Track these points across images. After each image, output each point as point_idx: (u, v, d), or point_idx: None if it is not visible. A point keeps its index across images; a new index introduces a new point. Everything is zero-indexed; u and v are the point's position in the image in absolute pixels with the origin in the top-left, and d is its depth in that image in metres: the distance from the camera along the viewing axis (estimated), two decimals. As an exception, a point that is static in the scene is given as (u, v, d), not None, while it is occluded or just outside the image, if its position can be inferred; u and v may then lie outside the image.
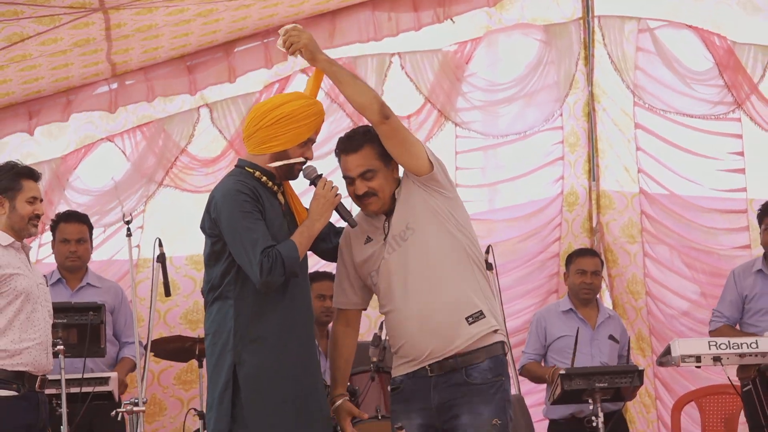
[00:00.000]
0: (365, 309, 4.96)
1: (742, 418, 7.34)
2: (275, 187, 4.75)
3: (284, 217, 4.73)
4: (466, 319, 4.61)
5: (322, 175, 4.81)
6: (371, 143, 4.72)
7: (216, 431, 4.60)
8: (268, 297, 4.59)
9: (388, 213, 4.76)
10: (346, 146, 4.76)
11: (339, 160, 4.81)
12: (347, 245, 4.87)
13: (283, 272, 4.51)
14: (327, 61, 4.73)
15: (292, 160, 4.71)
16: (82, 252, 7.15)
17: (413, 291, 4.65)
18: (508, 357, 7.11)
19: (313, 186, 4.80)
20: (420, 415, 4.69)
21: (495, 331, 4.67)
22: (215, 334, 4.65)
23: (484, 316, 4.62)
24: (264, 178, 4.72)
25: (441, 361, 4.63)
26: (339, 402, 4.86)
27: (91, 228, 7.21)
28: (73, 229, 7.04)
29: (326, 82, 8.46)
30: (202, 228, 4.72)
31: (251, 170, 4.73)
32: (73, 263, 7.13)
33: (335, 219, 4.84)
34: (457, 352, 4.61)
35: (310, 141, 4.76)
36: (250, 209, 4.57)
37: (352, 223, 4.78)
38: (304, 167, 4.78)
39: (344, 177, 4.80)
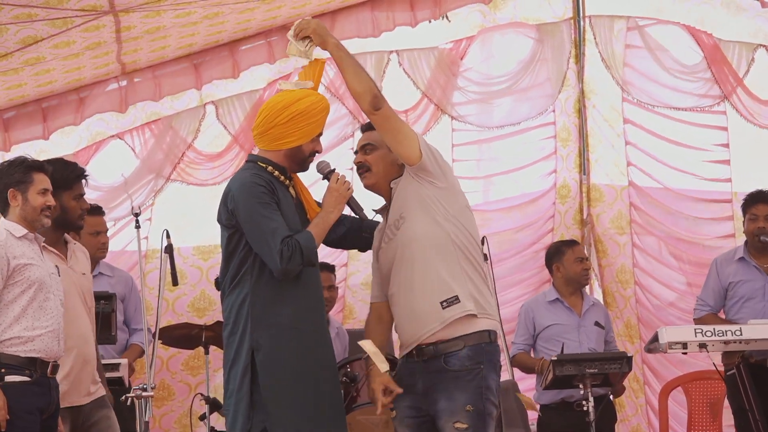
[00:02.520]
0: None
1: (727, 403, 7.39)
2: (287, 181, 4.82)
3: (296, 210, 4.81)
4: (441, 303, 4.64)
5: (335, 169, 4.92)
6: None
7: (236, 415, 4.64)
8: (283, 284, 4.66)
9: (389, 203, 4.86)
10: (368, 125, 4.92)
11: None
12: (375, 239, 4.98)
13: (301, 261, 4.59)
14: (336, 45, 4.80)
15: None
16: (105, 242, 7.23)
17: (400, 278, 4.74)
18: (501, 343, 7.22)
19: (325, 180, 4.88)
20: (410, 398, 4.75)
21: (474, 317, 4.66)
22: (234, 322, 4.70)
23: (459, 301, 4.63)
24: (276, 173, 4.78)
25: (423, 347, 4.68)
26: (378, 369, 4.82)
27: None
28: (101, 221, 7.09)
29: (325, 77, 8.60)
30: (219, 220, 4.76)
31: (264, 165, 4.79)
32: (103, 254, 7.21)
33: (346, 211, 4.95)
34: (438, 339, 4.65)
35: (320, 135, 4.87)
36: (268, 200, 4.63)
37: (363, 217, 4.89)
38: (317, 162, 4.88)
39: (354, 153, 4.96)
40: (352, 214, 5.01)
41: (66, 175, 5.61)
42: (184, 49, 8.04)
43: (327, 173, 4.90)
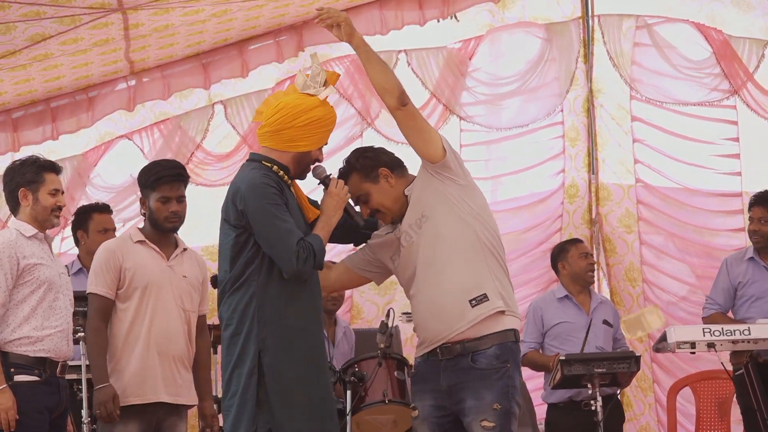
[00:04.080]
0: (353, 286, 5.18)
1: (735, 402, 7.33)
2: (289, 181, 4.77)
3: (300, 209, 4.76)
4: (470, 302, 4.62)
5: (330, 174, 4.85)
6: (353, 171, 4.83)
7: (239, 416, 4.58)
8: (289, 286, 4.61)
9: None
10: (341, 175, 4.86)
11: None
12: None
13: (314, 263, 4.57)
14: (362, 40, 4.75)
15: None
16: None
17: (424, 276, 4.70)
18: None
19: (322, 185, 4.83)
20: (432, 396, 4.72)
21: (502, 313, 4.65)
22: (239, 323, 4.63)
23: (488, 299, 4.61)
24: (281, 173, 4.72)
25: (449, 346, 4.65)
26: None
27: None
28: (110, 219, 7.02)
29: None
30: (227, 220, 4.69)
31: (269, 164, 4.71)
32: None
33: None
34: (465, 337, 4.63)
35: (324, 144, 4.83)
36: (279, 201, 4.59)
37: (359, 221, 4.83)
38: (314, 167, 4.82)
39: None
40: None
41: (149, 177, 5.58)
42: (192, 47, 8.03)
43: (324, 178, 4.82)
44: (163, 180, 5.50)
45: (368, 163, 4.83)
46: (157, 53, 7.90)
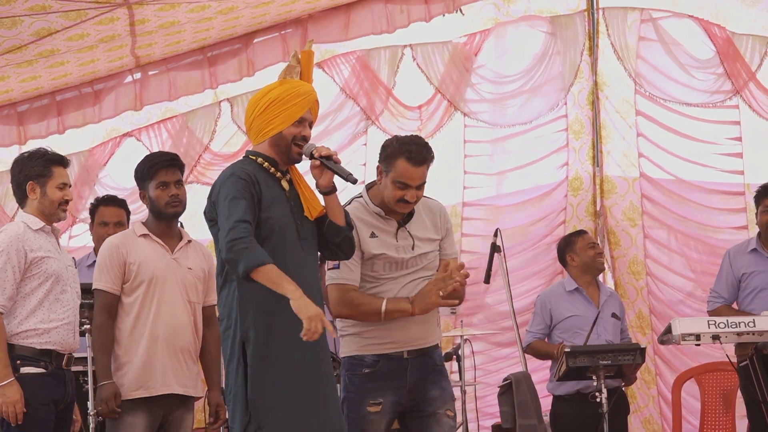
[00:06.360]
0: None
1: (740, 394, 7.32)
2: (278, 173, 4.69)
3: (287, 202, 4.66)
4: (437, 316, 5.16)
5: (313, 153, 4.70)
6: (431, 160, 5.00)
7: (234, 408, 4.52)
8: None
9: (404, 221, 5.04)
10: (420, 157, 4.93)
11: (395, 162, 4.94)
12: (355, 231, 4.92)
13: (236, 261, 4.36)
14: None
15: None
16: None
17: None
18: (515, 336, 7.18)
19: (309, 160, 4.71)
20: (394, 393, 4.98)
21: None
22: (228, 316, 4.57)
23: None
24: (266, 164, 4.67)
25: (417, 348, 5.02)
26: None
27: (128, 212, 7.11)
28: (112, 212, 6.94)
29: (341, 76, 8.52)
30: (205, 213, 4.65)
31: (254, 157, 4.69)
32: None
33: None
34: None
35: (305, 120, 4.69)
36: (241, 189, 4.50)
37: (353, 181, 4.66)
38: (303, 147, 4.70)
39: (399, 182, 4.93)
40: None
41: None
42: (198, 43, 7.99)
43: (311, 154, 4.68)
44: (158, 166, 5.51)
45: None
46: (163, 50, 7.86)
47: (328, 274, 5.02)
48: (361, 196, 5.11)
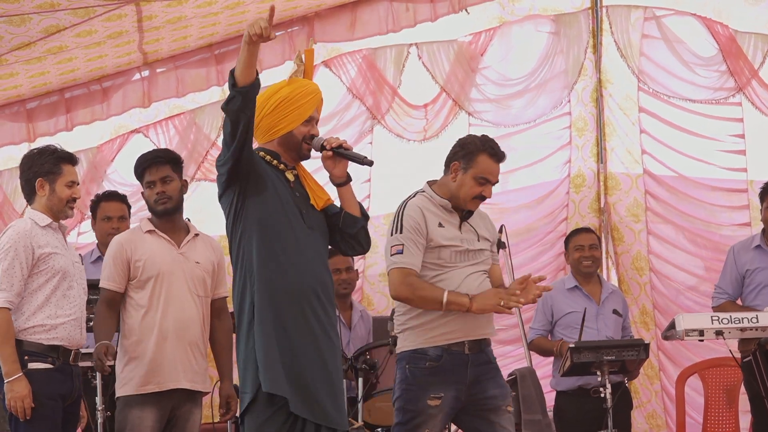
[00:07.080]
0: None
1: (743, 389, 7.28)
2: (281, 166, 4.73)
3: (293, 193, 4.69)
4: None
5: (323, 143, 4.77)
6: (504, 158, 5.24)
7: (245, 374, 4.55)
8: (267, 240, 4.58)
9: (464, 217, 5.16)
10: (501, 153, 5.20)
11: (476, 158, 5.11)
12: (423, 220, 5.04)
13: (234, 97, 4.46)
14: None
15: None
16: (124, 229, 7.10)
17: (483, 285, 5.15)
18: (519, 331, 7.18)
19: (320, 152, 4.77)
20: (455, 389, 5.00)
21: None
22: (241, 281, 4.63)
23: None
24: (268, 157, 4.72)
25: (477, 341, 5.06)
26: None
27: (129, 207, 7.13)
28: (114, 207, 6.95)
29: (347, 76, 8.52)
30: (219, 199, 4.79)
31: (258, 151, 4.74)
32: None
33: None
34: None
35: (313, 119, 4.74)
36: None
37: (369, 163, 4.75)
38: (312, 142, 4.74)
39: (481, 178, 5.09)
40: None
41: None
42: (205, 39, 7.99)
43: (321, 146, 4.74)
44: (143, 167, 5.60)
45: None
46: (170, 45, 7.87)
47: (390, 258, 5.02)
48: (424, 191, 5.16)
